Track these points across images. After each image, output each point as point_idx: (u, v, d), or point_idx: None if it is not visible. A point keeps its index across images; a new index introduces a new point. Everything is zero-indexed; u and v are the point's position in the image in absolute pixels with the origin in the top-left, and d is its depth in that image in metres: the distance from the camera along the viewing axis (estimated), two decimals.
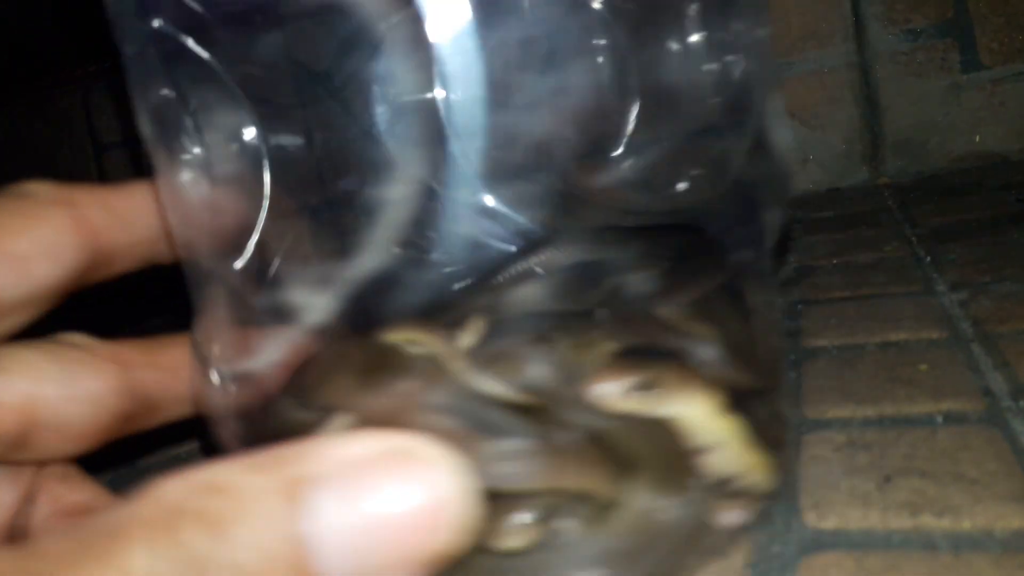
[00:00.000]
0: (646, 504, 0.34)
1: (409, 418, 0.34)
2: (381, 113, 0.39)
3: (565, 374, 0.34)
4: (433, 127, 0.35)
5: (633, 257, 0.44)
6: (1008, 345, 0.50)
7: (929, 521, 0.35)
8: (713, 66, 0.44)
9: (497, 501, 0.34)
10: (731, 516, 0.37)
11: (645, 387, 0.33)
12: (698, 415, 0.34)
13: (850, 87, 1.10)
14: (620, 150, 0.46)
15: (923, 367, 0.50)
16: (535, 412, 0.35)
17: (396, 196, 0.37)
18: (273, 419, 0.37)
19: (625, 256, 0.43)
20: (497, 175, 0.37)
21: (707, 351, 0.39)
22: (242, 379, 0.37)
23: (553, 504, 0.33)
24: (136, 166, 1.47)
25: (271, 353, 0.37)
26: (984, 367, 0.48)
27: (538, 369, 0.35)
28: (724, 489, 0.36)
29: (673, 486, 0.34)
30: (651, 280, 0.42)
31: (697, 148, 0.45)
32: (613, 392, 0.33)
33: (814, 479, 0.40)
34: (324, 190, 0.42)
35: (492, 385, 0.35)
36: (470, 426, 0.33)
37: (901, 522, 0.35)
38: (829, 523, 0.36)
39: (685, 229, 0.46)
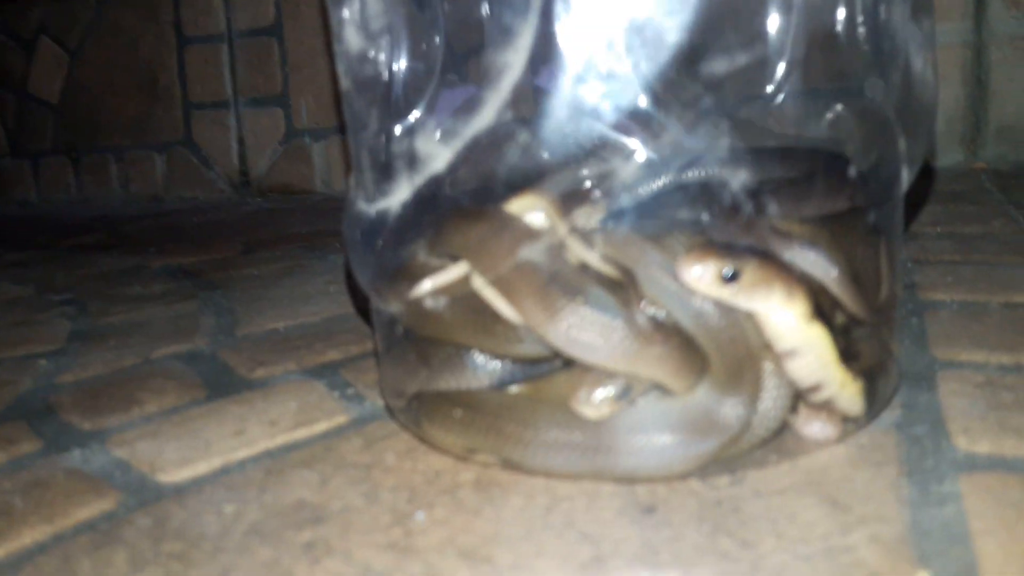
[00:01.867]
0: (708, 402, 0.34)
1: (513, 274, 0.36)
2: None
3: (660, 260, 0.35)
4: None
5: (765, 173, 0.44)
6: None
7: None
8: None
9: (583, 370, 0.35)
10: (814, 427, 0.37)
11: (731, 277, 0.33)
12: (782, 315, 0.33)
13: (960, 67, 1.07)
14: (774, 85, 0.46)
15: None
16: (625, 291, 0.35)
17: (510, 63, 0.38)
18: (408, 259, 0.40)
19: (757, 172, 0.44)
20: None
21: (826, 268, 0.39)
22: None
23: (629, 385, 0.35)
24: (216, 62, 1.46)
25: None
26: None
27: (636, 252, 0.36)
28: (809, 399, 0.36)
29: (738, 388, 0.34)
30: (777, 194, 0.42)
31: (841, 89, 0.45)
32: (698, 276, 0.33)
33: (958, 409, 0.39)
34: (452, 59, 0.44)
35: (592, 258, 0.36)
36: (561, 288, 0.35)
37: None
38: (982, 448, 0.35)
39: (821, 155, 0.45)
